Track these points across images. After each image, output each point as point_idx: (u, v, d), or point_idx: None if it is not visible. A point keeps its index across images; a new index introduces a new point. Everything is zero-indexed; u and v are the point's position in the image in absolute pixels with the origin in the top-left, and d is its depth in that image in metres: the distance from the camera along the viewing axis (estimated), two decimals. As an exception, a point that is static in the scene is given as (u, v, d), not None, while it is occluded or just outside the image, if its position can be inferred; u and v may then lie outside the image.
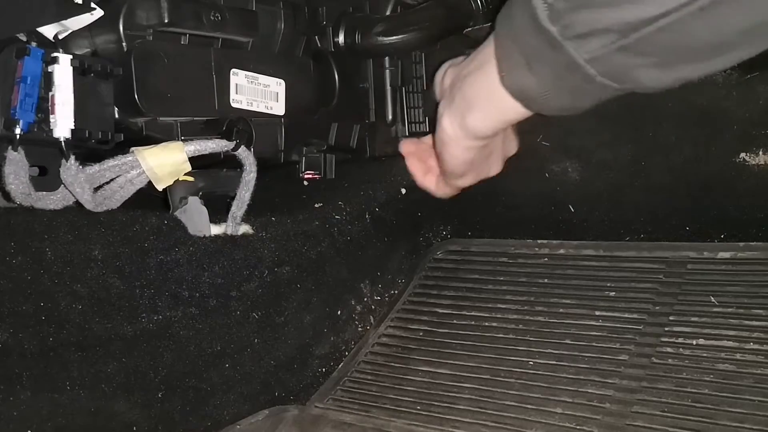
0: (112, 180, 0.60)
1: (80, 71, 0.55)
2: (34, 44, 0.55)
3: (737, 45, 0.42)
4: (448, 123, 0.61)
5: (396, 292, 0.83)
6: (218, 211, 0.66)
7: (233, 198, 0.66)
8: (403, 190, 0.82)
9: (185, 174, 0.62)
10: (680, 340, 0.66)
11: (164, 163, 0.60)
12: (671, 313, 0.69)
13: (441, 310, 0.78)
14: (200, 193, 0.64)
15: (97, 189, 0.60)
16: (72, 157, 0.56)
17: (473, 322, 0.75)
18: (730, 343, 0.63)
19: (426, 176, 0.76)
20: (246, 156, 0.66)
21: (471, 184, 0.73)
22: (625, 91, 0.46)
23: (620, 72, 0.44)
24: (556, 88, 0.48)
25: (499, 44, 0.50)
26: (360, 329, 0.78)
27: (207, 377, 0.64)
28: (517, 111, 0.54)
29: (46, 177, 0.58)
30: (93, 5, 0.58)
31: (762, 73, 0.73)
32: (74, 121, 0.55)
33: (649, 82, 0.44)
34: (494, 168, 0.71)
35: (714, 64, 0.43)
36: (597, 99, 0.49)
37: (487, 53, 0.54)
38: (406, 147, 0.76)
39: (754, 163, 0.75)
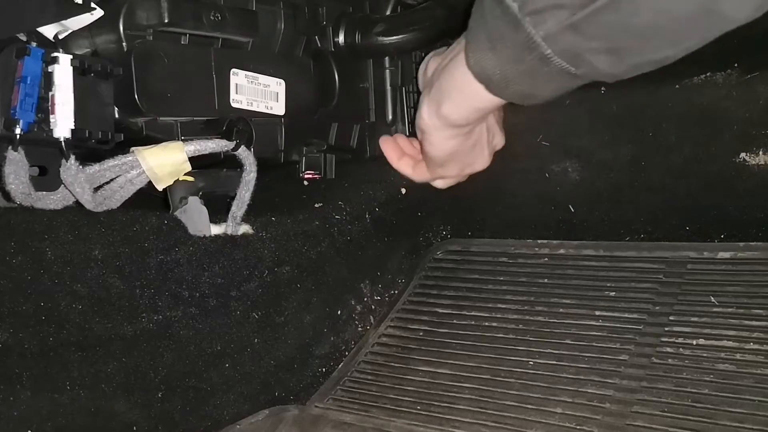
0: (112, 180, 0.60)
1: (80, 71, 0.55)
2: (34, 44, 0.55)
3: (684, 32, 0.42)
4: (425, 112, 0.62)
5: (396, 292, 0.83)
6: (218, 211, 0.66)
7: (233, 198, 0.66)
8: (403, 190, 0.82)
9: (185, 174, 0.62)
10: (680, 340, 0.66)
11: (164, 163, 0.60)
12: (671, 313, 0.69)
13: (441, 310, 0.78)
14: (200, 193, 0.64)
15: (97, 189, 0.60)
16: (72, 157, 0.56)
17: (473, 322, 0.75)
18: (730, 343, 0.63)
19: (401, 159, 0.77)
20: (246, 156, 0.66)
21: (457, 175, 0.73)
22: (584, 78, 0.47)
23: (574, 53, 0.44)
24: (515, 70, 0.48)
25: (470, 28, 0.51)
26: (360, 329, 0.78)
27: (207, 377, 0.64)
28: (485, 98, 0.54)
29: (46, 177, 0.58)
30: (93, 5, 0.58)
31: (762, 73, 0.73)
32: (74, 121, 0.55)
33: (603, 67, 0.45)
34: (481, 160, 0.71)
35: (664, 52, 0.43)
36: (558, 86, 0.49)
37: (461, 42, 0.55)
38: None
39: (754, 163, 0.75)
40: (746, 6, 0.40)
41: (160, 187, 0.62)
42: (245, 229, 0.67)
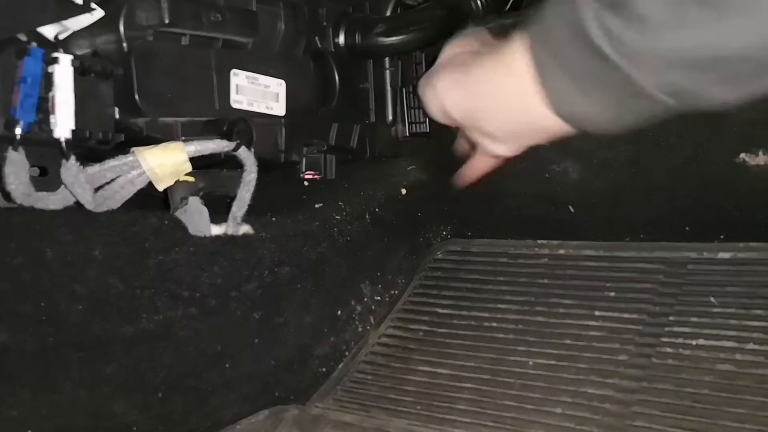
0: (112, 180, 0.60)
1: (80, 71, 0.55)
2: (34, 44, 0.55)
3: None
4: (438, 85, 0.53)
5: (396, 292, 0.83)
6: (218, 211, 0.66)
7: (233, 198, 0.66)
8: (403, 191, 0.82)
9: (186, 174, 0.62)
10: (680, 340, 0.66)
11: (165, 163, 0.60)
12: (671, 313, 0.69)
13: (441, 310, 0.78)
14: (201, 194, 0.64)
15: (97, 189, 0.60)
16: (72, 158, 0.56)
17: (473, 322, 0.75)
18: (730, 344, 0.63)
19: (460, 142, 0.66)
20: (246, 156, 0.66)
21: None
22: (689, 107, 0.43)
23: (688, 92, 0.41)
24: (618, 114, 0.44)
25: (539, 59, 0.43)
26: (360, 329, 0.78)
27: (207, 377, 0.64)
28: (548, 123, 0.48)
29: (46, 177, 0.58)
30: (93, 5, 0.58)
31: (762, 74, 0.73)
32: (75, 121, 0.55)
33: (716, 96, 0.41)
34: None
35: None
36: (651, 117, 0.46)
37: (511, 53, 0.46)
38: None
39: (754, 163, 0.75)
40: None
41: (160, 188, 0.62)
42: (245, 229, 0.67)
